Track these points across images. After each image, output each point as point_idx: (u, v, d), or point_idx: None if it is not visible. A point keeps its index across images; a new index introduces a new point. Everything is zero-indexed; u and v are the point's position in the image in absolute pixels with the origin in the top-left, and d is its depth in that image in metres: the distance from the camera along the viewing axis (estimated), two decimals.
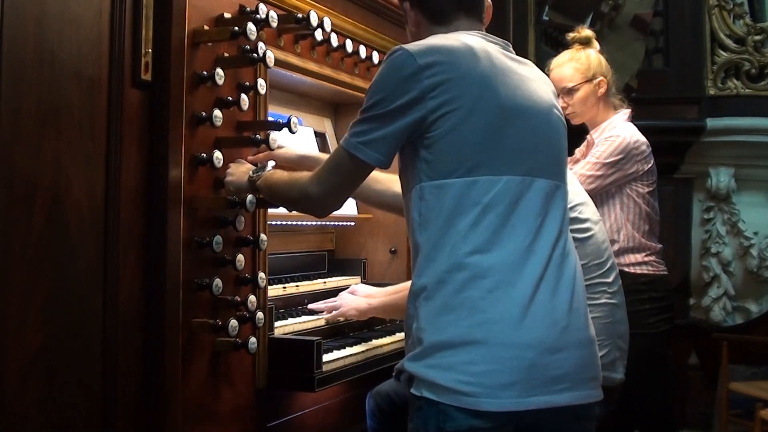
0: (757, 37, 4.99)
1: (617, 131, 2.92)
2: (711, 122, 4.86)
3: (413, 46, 1.67)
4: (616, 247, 2.88)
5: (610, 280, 2.32)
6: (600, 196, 2.91)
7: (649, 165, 2.94)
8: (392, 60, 1.66)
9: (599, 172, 2.86)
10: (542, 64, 3.14)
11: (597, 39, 3.09)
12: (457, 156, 1.62)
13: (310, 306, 2.42)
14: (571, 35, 3.10)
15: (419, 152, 1.65)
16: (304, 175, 1.80)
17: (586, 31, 3.09)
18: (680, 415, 4.72)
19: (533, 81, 1.77)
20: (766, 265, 4.90)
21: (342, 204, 1.80)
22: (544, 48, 4.20)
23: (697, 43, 4.99)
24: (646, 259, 2.93)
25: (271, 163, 1.96)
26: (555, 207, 1.70)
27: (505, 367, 1.55)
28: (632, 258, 2.91)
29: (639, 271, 2.91)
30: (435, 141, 1.62)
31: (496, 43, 1.77)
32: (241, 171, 1.97)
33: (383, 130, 1.64)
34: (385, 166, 1.70)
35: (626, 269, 2.88)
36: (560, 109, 1.83)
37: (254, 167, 1.95)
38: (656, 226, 3.00)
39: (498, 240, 1.60)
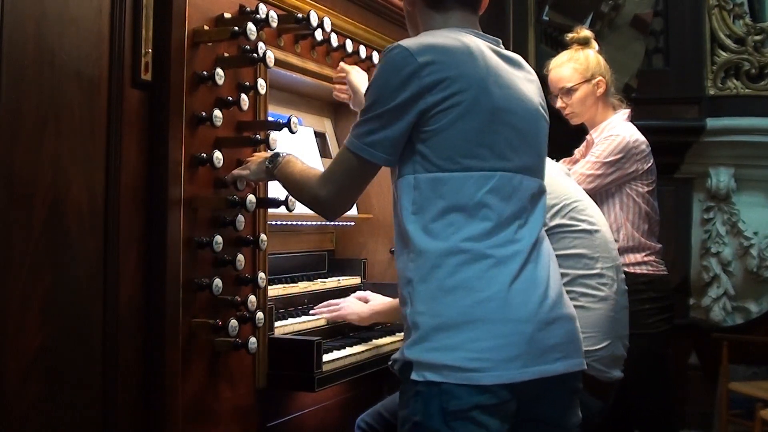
0: (757, 37, 4.99)
1: (616, 131, 2.92)
2: (711, 122, 4.86)
3: (411, 43, 1.69)
4: (617, 245, 2.88)
5: (616, 278, 2.35)
6: (599, 195, 2.91)
7: (649, 164, 2.94)
8: (391, 57, 1.68)
9: (599, 171, 2.86)
10: (542, 64, 3.15)
11: (596, 39, 3.09)
12: (453, 151, 1.65)
13: (316, 308, 2.41)
14: (569, 35, 3.10)
15: (415, 145, 1.68)
16: (314, 175, 1.81)
17: (584, 32, 3.09)
18: (680, 415, 4.72)
19: (523, 80, 1.81)
20: (766, 265, 4.89)
21: (352, 205, 1.84)
22: (544, 48, 4.20)
23: (697, 43, 4.99)
24: (645, 258, 2.93)
25: (285, 151, 1.96)
26: (539, 204, 1.78)
27: (508, 342, 1.62)
28: (632, 258, 2.91)
29: (638, 271, 2.91)
30: (432, 135, 1.66)
31: (488, 41, 1.79)
32: (257, 161, 1.98)
33: (387, 130, 1.67)
34: (392, 164, 1.73)
35: (625, 269, 2.88)
36: (545, 108, 1.87)
37: (269, 156, 1.95)
38: (656, 225, 3.00)
39: (492, 231, 1.66)
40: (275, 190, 2.08)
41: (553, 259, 1.79)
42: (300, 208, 2.00)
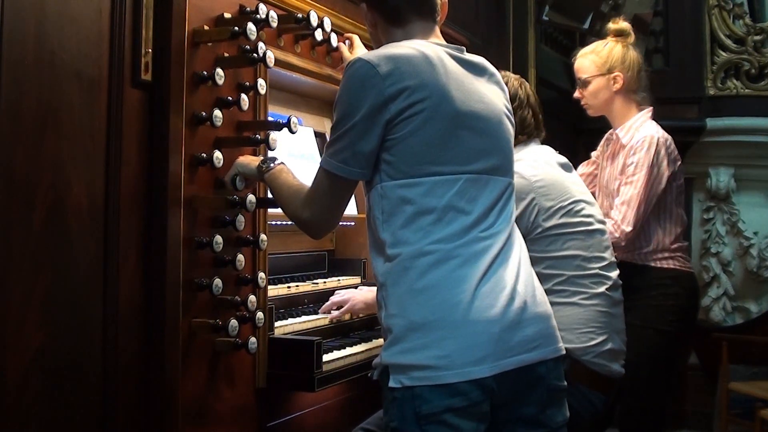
0: (757, 37, 4.99)
1: (644, 131, 2.86)
2: (711, 122, 4.86)
3: (372, 56, 1.73)
4: (646, 248, 2.87)
5: (611, 275, 2.37)
6: None
7: (679, 162, 2.93)
8: (353, 72, 1.72)
9: (647, 180, 2.76)
10: (542, 63, 3.15)
11: (634, 31, 3.02)
12: (417, 158, 1.70)
13: (322, 309, 2.40)
14: (609, 25, 3.07)
15: (380, 154, 1.72)
16: (300, 194, 1.84)
17: (622, 23, 3.02)
18: (680, 415, 4.72)
19: (485, 84, 1.85)
20: (766, 265, 4.89)
21: (338, 222, 1.87)
22: (544, 48, 4.21)
23: (697, 43, 4.99)
24: (673, 254, 2.90)
25: (280, 160, 1.97)
26: (508, 201, 1.82)
27: (475, 342, 1.65)
28: (659, 254, 2.88)
29: (666, 266, 2.88)
30: (395, 144, 1.70)
31: (449, 49, 1.82)
32: (251, 158, 2.00)
33: (358, 144, 1.70)
34: (367, 177, 1.76)
35: (653, 264, 2.87)
36: (510, 109, 1.91)
37: (264, 158, 1.97)
38: (684, 224, 2.98)
39: (459, 232, 1.70)
40: None
41: (524, 255, 1.82)
42: None
